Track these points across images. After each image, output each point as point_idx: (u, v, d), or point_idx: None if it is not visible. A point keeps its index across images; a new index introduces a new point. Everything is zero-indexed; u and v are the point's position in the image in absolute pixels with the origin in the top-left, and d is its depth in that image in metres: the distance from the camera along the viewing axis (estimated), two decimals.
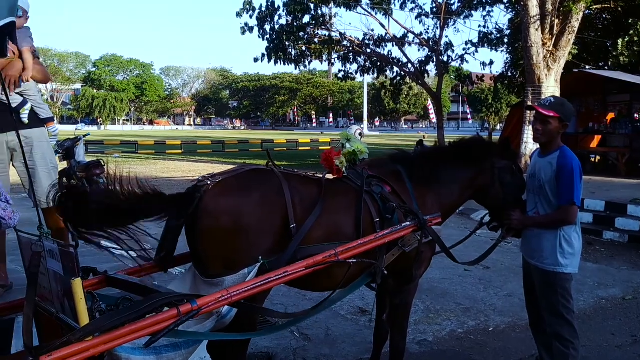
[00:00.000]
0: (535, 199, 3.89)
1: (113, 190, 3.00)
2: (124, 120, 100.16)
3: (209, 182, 3.13)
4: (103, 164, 11.18)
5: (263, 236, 3.12)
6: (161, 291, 3.01)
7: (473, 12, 22.69)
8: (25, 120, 4.98)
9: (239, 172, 3.32)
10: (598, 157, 17.38)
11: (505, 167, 3.98)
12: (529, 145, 14.14)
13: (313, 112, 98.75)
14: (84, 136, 12.89)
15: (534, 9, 14.08)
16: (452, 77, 31.75)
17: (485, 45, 22.30)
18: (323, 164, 3.81)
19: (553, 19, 14.47)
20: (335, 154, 3.77)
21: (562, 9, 14.36)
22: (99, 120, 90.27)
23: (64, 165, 11.91)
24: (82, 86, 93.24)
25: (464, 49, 22.68)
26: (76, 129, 17.62)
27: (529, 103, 14.25)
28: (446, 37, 22.61)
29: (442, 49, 22.32)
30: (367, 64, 24.02)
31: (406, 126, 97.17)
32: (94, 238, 3.07)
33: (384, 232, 3.40)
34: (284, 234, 3.16)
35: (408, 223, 3.51)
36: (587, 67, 18.41)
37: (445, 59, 22.75)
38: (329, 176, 3.68)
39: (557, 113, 3.70)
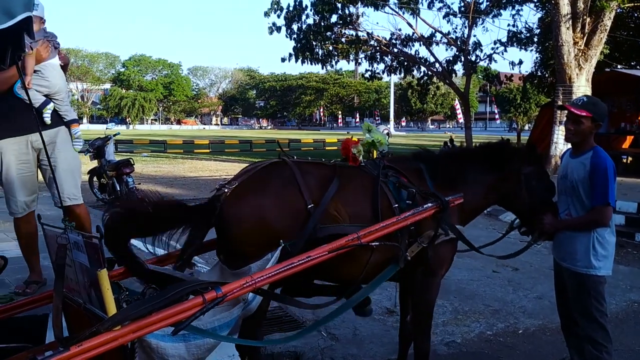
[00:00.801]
0: (567, 201, 3.82)
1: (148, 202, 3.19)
2: (152, 119, 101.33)
3: (226, 190, 3.24)
4: (132, 162, 11.40)
5: (286, 224, 3.21)
6: (186, 279, 3.06)
7: (502, 11, 22.45)
8: (48, 121, 5.00)
9: (251, 173, 3.40)
10: (630, 158, 17.06)
11: (531, 172, 3.92)
12: (559, 145, 13.94)
13: (339, 112, 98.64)
14: (114, 135, 13.12)
15: (565, 7, 13.88)
16: (479, 76, 31.38)
17: (515, 44, 22.03)
18: (342, 152, 3.82)
19: (584, 17, 14.24)
20: (353, 142, 3.77)
21: (594, 7, 14.12)
22: (127, 120, 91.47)
23: (94, 164, 12.15)
24: (111, 86, 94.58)
25: (492, 49, 22.45)
26: (107, 128, 17.76)
27: (560, 103, 14.05)
28: (474, 36, 22.49)
29: (470, 48, 22.12)
30: (394, 63, 23.92)
31: (433, 126, 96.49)
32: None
33: (406, 214, 3.39)
34: (304, 216, 3.22)
35: (430, 204, 3.47)
36: (619, 66, 18.08)
37: (473, 58, 22.54)
38: None
39: (590, 112, 3.64)
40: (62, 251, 2.97)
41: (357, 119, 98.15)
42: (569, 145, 3.96)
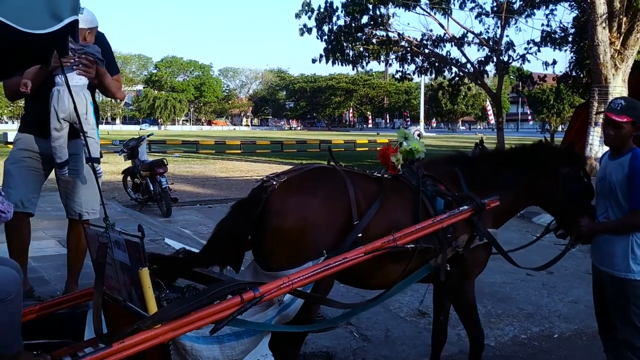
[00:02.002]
0: (605, 203, 3.75)
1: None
2: (183, 120, 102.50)
3: (274, 182, 3.19)
4: (166, 163, 11.55)
5: (328, 233, 3.17)
6: (223, 279, 3.09)
7: (535, 10, 22.13)
8: (66, 177, 4.71)
9: (303, 171, 3.38)
10: None
11: (570, 173, 3.87)
12: (594, 147, 13.71)
13: (369, 113, 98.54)
14: (148, 136, 13.31)
15: (601, 7, 13.64)
16: (511, 77, 30.96)
17: (548, 44, 21.71)
18: (380, 159, 3.83)
19: (621, 16, 13.99)
20: (392, 151, 3.78)
21: (630, 6, 13.86)
22: (159, 121, 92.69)
23: (128, 164, 12.35)
24: (143, 87, 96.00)
25: (525, 49, 22.15)
26: (140, 129, 18.11)
27: (596, 104, 13.83)
28: (507, 36, 22.13)
29: (502, 48, 21.86)
30: (425, 64, 23.76)
31: (463, 127, 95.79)
32: None
33: (442, 217, 3.39)
34: (348, 230, 3.20)
35: (465, 207, 3.47)
36: None
37: (505, 58, 22.28)
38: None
39: (631, 117, 3.56)
40: (103, 250, 3.04)
41: (387, 120, 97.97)
42: (605, 147, 3.89)
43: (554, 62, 22.15)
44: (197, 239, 8.44)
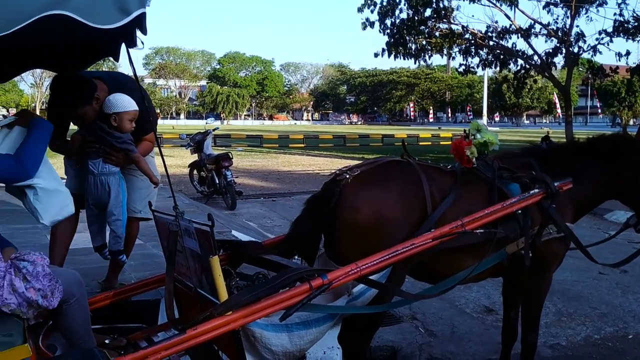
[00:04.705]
0: None
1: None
2: (245, 115, 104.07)
3: (347, 176, 3.18)
4: (231, 156, 11.76)
5: (403, 227, 3.13)
6: (291, 266, 3.11)
7: None
8: (107, 256, 4.63)
9: (376, 164, 3.35)
10: None
11: None
12: None
13: (430, 107, 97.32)
14: (213, 130, 13.59)
15: None
16: (580, 69, 29.76)
17: (621, 34, 20.79)
18: (452, 153, 3.73)
19: None
20: (465, 143, 3.68)
21: None
22: (222, 115, 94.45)
23: (194, 157, 12.66)
24: (207, 82, 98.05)
25: (596, 39, 21.26)
26: (206, 123, 18.53)
27: None
28: (577, 26, 21.14)
29: (572, 39, 21.09)
30: (490, 57, 23.20)
31: (528, 121, 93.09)
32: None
33: (511, 201, 3.28)
34: (422, 225, 3.15)
35: (536, 190, 3.35)
36: None
37: (575, 50, 21.48)
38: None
39: None
40: (174, 238, 3.12)
41: (449, 115, 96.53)
42: None
43: (627, 53, 21.16)
44: (262, 232, 8.57)
